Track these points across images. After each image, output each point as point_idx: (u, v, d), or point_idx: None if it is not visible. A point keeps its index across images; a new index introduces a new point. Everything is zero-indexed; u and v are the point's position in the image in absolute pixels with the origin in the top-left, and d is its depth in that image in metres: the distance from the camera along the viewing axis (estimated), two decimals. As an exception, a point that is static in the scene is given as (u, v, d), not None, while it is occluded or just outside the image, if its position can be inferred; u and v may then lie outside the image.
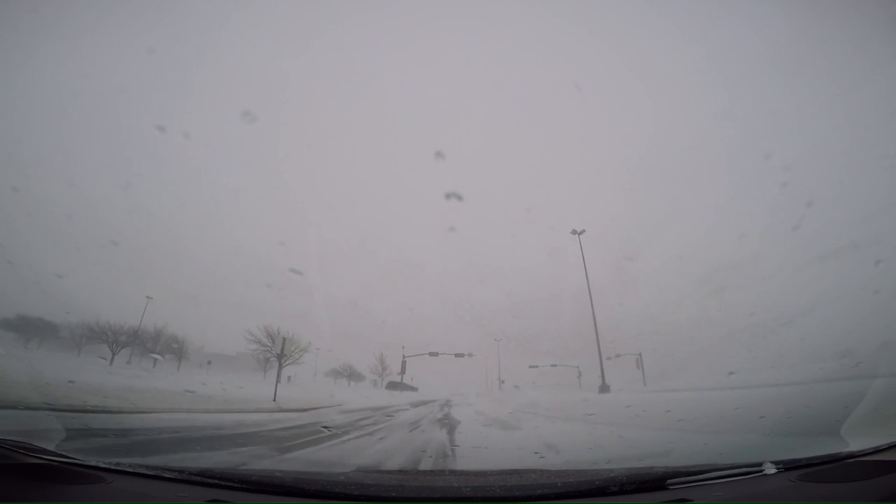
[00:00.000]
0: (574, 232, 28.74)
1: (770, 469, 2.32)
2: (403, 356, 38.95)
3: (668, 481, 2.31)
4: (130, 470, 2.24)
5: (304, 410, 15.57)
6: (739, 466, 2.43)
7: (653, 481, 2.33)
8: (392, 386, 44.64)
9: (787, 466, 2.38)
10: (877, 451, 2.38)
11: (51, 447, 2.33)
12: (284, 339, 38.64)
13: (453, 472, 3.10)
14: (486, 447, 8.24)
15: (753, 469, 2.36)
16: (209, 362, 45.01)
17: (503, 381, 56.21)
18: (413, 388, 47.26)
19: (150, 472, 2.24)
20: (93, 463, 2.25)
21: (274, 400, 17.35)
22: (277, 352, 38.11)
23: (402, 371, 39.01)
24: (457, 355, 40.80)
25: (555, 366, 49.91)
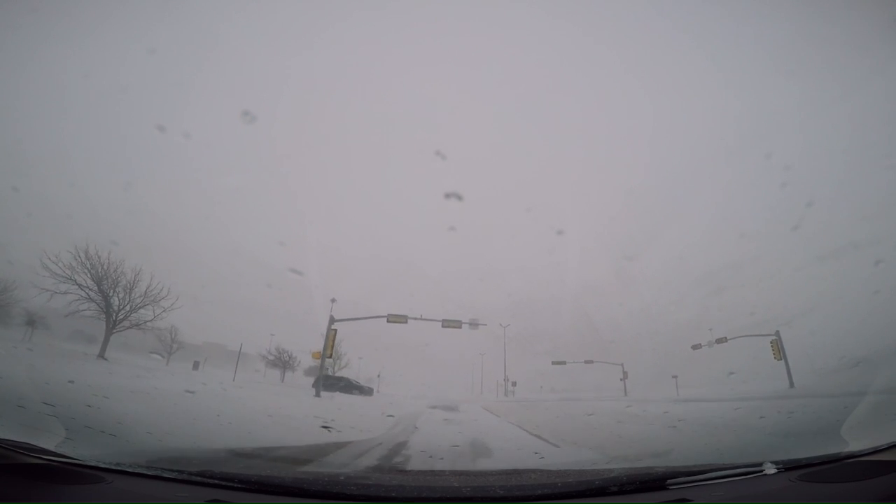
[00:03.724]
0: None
1: (770, 469, 2.33)
2: (331, 318, 22.22)
3: (668, 481, 2.32)
4: (130, 470, 2.24)
5: None
6: (739, 466, 2.44)
7: (653, 481, 2.34)
8: (325, 383, 24.84)
9: (787, 466, 2.39)
10: (877, 451, 2.38)
11: (51, 447, 2.33)
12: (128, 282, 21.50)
13: (453, 472, 3.11)
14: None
15: (753, 469, 2.37)
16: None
17: (514, 384, 43.39)
18: (363, 389, 28.74)
19: (150, 472, 2.24)
20: (93, 463, 2.25)
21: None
22: (109, 301, 22.03)
23: (327, 353, 22.37)
24: (445, 323, 25.94)
25: (590, 362, 38.42)
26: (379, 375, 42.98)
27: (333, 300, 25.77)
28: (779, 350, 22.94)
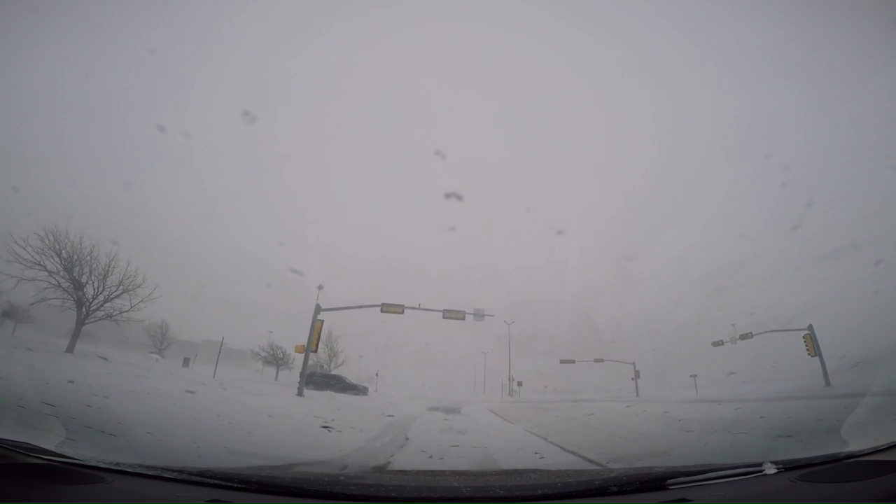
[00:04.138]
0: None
1: (770, 469, 2.33)
2: (317, 307, 20.00)
3: (668, 481, 2.32)
4: (130, 470, 2.24)
5: None
6: (739, 466, 2.44)
7: (653, 481, 2.34)
8: (313, 380, 24.07)
9: (787, 466, 2.39)
10: (877, 451, 2.38)
11: (51, 447, 2.33)
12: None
13: (454, 472, 3.11)
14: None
15: (753, 469, 2.37)
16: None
17: (520, 383, 42.06)
18: (357, 388, 26.14)
19: (150, 473, 2.24)
20: (93, 463, 2.25)
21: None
22: (80, 289, 19.86)
23: (312, 346, 19.96)
24: (446, 314, 23.35)
25: (600, 361, 36.69)
26: (377, 374, 41.61)
27: (320, 287, 22.84)
28: (812, 345, 21.63)
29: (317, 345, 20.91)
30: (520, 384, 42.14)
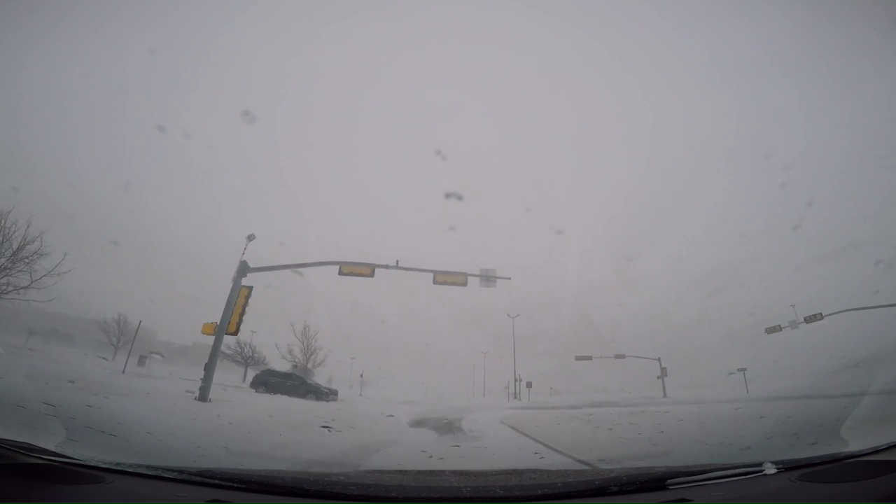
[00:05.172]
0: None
1: (770, 469, 2.33)
2: (241, 266, 14.51)
3: (668, 481, 2.32)
4: (130, 470, 2.24)
5: None
6: (739, 466, 2.44)
7: (653, 481, 2.34)
8: (262, 380, 20.64)
9: (787, 466, 2.39)
10: (877, 451, 2.38)
11: (51, 447, 2.33)
12: None
13: (454, 472, 3.11)
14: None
15: (753, 469, 2.37)
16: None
17: (530, 384, 38.54)
18: (320, 392, 20.85)
19: (150, 472, 2.24)
20: (93, 463, 2.25)
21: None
22: None
23: (230, 325, 13.68)
24: (438, 278, 17.29)
25: (621, 356, 33.13)
26: (362, 375, 37.01)
27: (251, 237, 16.20)
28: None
29: (238, 324, 13.81)
30: (529, 385, 38.13)
